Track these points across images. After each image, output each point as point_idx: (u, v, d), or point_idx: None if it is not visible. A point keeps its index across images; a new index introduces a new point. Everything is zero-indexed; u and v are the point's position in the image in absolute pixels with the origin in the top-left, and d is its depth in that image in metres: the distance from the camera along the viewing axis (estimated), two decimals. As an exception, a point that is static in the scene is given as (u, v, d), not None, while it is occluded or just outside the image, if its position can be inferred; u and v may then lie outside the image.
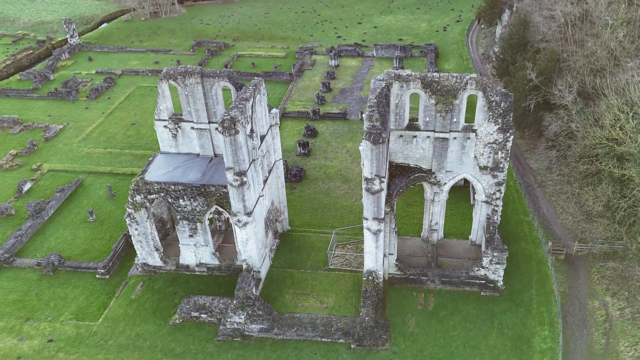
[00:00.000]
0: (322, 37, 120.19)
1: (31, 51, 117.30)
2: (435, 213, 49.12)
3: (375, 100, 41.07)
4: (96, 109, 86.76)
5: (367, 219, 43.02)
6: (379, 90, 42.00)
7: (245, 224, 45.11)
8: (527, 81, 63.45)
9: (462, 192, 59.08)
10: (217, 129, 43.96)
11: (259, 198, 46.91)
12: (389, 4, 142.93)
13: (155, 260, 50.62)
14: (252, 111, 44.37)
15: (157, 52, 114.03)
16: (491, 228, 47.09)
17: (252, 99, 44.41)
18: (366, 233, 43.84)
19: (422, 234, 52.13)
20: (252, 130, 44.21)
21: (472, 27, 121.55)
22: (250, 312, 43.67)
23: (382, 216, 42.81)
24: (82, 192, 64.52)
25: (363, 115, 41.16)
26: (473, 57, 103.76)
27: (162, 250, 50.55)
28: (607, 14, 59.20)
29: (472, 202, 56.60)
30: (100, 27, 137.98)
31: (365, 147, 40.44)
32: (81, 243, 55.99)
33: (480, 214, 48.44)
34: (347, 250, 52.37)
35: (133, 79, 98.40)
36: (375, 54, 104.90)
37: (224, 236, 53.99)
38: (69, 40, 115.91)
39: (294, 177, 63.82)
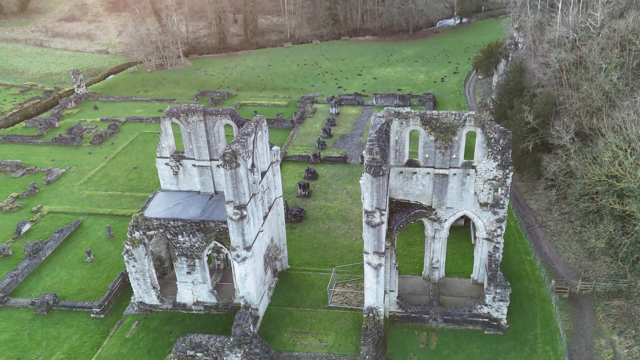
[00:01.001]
0: (323, 87, 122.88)
1: (38, 100, 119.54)
2: (436, 250, 48.64)
3: (375, 135, 41.61)
4: (99, 153, 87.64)
5: (367, 253, 42.58)
6: (379, 126, 42.64)
7: (244, 259, 44.61)
8: (524, 124, 64.41)
9: (462, 231, 58.71)
10: (218, 165, 44.26)
11: (258, 233, 46.63)
12: (388, 57, 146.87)
13: (151, 298, 49.73)
14: (253, 146, 44.84)
15: (162, 101, 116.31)
16: (493, 265, 46.47)
17: (253, 135, 44.99)
18: (367, 268, 43.26)
19: (423, 273, 51.41)
20: (253, 165, 44.51)
21: (469, 77, 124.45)
22: (247, 350, 42.47)
23: (383, 250, 42.38)
24: (81, 233, 64.19)
25: (363, 152, 41.59)
26: (470, 105, 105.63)
27: (159, 289, 49.77)
28: (600, 59, 60.77)
29: (472, 241, 56.16)
30: (107, 78, 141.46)
31: (365, 180, 40.59)
32: (77, 283, 55.20)
33: (481, 252, 47.98)
34: (347, 288, 51.51)
35: (137, 126, 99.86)
36: (374, 103, 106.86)
37: (222, 275, 53.29)
38: (75, 90, 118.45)
39: (294, 217, 63.65)
